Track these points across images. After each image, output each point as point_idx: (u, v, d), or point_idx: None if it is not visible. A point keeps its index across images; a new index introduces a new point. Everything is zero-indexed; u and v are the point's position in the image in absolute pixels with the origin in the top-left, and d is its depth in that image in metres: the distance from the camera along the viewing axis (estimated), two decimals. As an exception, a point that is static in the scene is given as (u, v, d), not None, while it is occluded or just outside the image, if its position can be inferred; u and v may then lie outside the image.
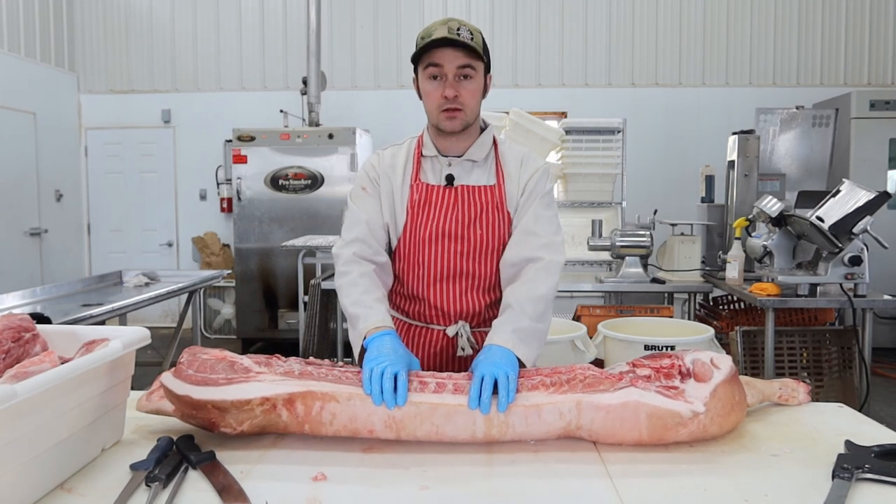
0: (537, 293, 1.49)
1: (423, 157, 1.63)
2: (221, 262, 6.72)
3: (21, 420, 0.90)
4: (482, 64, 1.53)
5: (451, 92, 1.50)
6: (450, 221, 1.58)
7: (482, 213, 1.58)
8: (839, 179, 3.36)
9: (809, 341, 3.48)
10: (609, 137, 4.56)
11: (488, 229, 1.58)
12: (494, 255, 1.59)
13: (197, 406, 1.16)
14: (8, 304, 3.05)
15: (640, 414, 1.18)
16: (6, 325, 1.14)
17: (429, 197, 1.60)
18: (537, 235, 1.57)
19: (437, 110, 1.54)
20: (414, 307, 1.64)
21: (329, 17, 6.61)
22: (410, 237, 1.60)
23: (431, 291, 1.60)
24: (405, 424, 1.17)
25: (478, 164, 1.62)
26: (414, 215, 1.59)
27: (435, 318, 1.62)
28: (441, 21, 1.51)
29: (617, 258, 3.94)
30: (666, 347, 2.61)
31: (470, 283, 1.60)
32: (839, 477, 1.05)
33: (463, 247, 1.58)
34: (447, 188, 1.60)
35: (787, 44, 6.60)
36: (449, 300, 1.60)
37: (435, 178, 1.62)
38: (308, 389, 1.17)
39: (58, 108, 6.63)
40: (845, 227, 2.98)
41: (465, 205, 1.58)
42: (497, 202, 1.59)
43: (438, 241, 1.58)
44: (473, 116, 1.57)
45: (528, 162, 1.65)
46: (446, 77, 1.51)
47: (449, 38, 1.46)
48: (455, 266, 1.58)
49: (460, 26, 1.49)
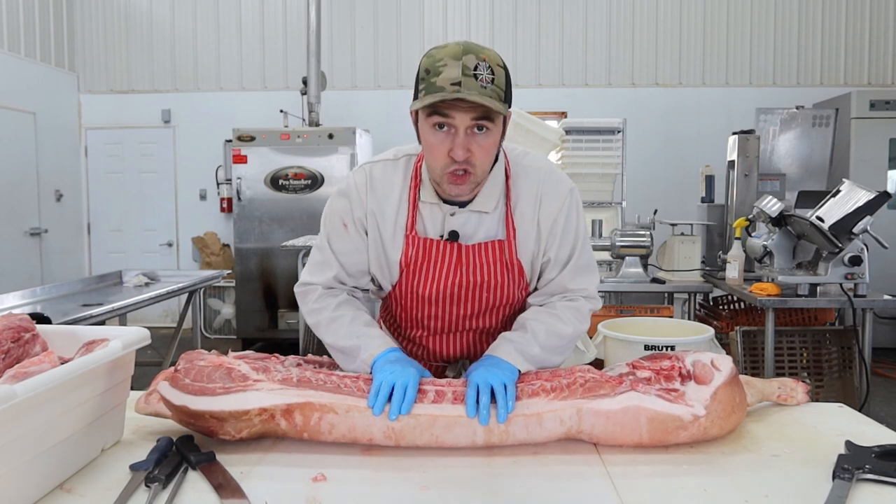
0: (562, 331, 1.36)
1: (422, 201, 1.35)
2: (221, 262, 6.71)
3: (21, 420, 0.90)
4: (506, 112, 1.22)
5: (461, 153, 1.20)
6: (453, 284, 1.36)
7: (491, 276, 1.36)
8: (839, 179, 3.37)
9: (809, 341, 3.47)
10: (609, 137, 4.56)
11: (497, 291, 1.38)
12: (501, 309, 1.42)
13: (194, 416, 1.16)
14: (8, 304, 3.05)
15: (641, 418, 1.18)
16: (6, 325, 1.14)
17: (427, 253, 1.35)
18: (571, 292, 1.42)
19: (441, 170, 1.25)
20: (412, 348, 1.51)
21: (329, 17, 6.60)
22: (407, 294, 1.40)
23: (432, 341, 1.47)
24: (404, 434, 1.17)
25: (487, 213, 1.36)
26: (410, 273, 1.37)
27: (434, 359, 1.51)
28: (454, 50, 1.18)
29: (617, 258, 3.94)
30: (666, 347, 2.61)
31: (475, 335, 1.46)
32: (839, 477, 1.04)
33: (466, 309, 1.40)
34: (449, 243, 1.35)
35: (787, 44, 6.59)
36: (451, 348, 1.47)
37: (434, 229, 1.36)
38: (306, 401, 1.16)
39: (58, 108, 6.63)
40: (845, 227, 2.98)
41: (469, 265, 1.35)
42: (507, 259, 1.36)
43: (439, 303, 1.39)
44: (484, 176, 1.29)
45: (553, 189, 1.37)
46: (456, 130, 1.20)
47: (460, 95, 1.14)
48: (459, 324, 1.43)
49: (478, 63, 1.16)
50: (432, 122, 1.21)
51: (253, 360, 1.29)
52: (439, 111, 1.19)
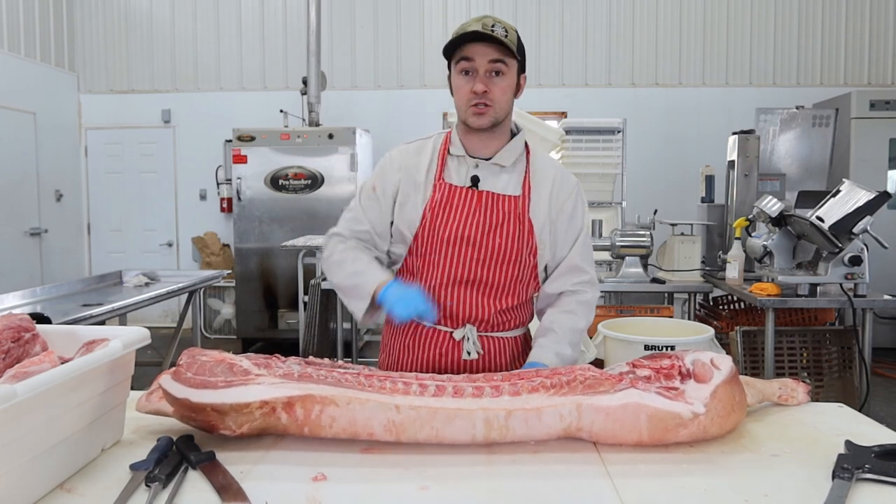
0: (579, 326, 1.62)
1: (450, 155, 1.60)
2: (221, 262, 6.72)
3: (21, 420, 0.90)
4: (515, 62, 1.51)
5: (480, 87, 1.48)
6: (471, 226, 1.55)
7: (504, 222, 1.55)
8: (839, 179, 3.37)
9: (809, 341, 3.48)
10: (609, 137, 4.56)
11: (508, 238, 1.55)
12: (510, 264, 1.57)
13: (196, 409, 1.16)
14: (8, 304, 3.05)
15: (641, 415, 1.18)
16: (6, 325, 1.14)
17: (451, 198, 1.56)
18: (583, 271, 1.64)
19: (465, 105, 1.52)
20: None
21: (329, 17, 6.60)
22: (428, 237, 1.57)
23: (443, 293, 1.57)
24: (405, 428, 1.17)
25: (506, 169, 1.59)
26: (434, 215, 1.56)
27: (443, 320, 1.59)
28: (476, 18, 1.49)
29: (617, 258, 3.94)
30: (666, 347, 2.61)
31: (483, 289, 1.57)
32: (839, 477, 1.04)
33: (480, 253, 1.55)
34: (471, 190, 1.57)
35: (787, 44, 6.60)
36: (460, 304, 1.58)
37: (459, 178, 1.59)
38: (307, 393, 1.17)
39: (58, 108, 6.63)
40: (845, 227, 2.98)
41: (487, 210, 1.55)
42: (520, 213, 1.56)
43: (456, 245, 1.55)
44: (503, 114, 1.54)
45: (565, 179, 1.64)
46: (477, 72, 1.49)
47: (482, 32, 1.44)
48: (470, 272, 1.56)
49: (495, 23, 1.47)
50: (460, 69, 1.51)
51: (254, 357, 1.29)
52: (465, 57, 1.48)
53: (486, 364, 1.60)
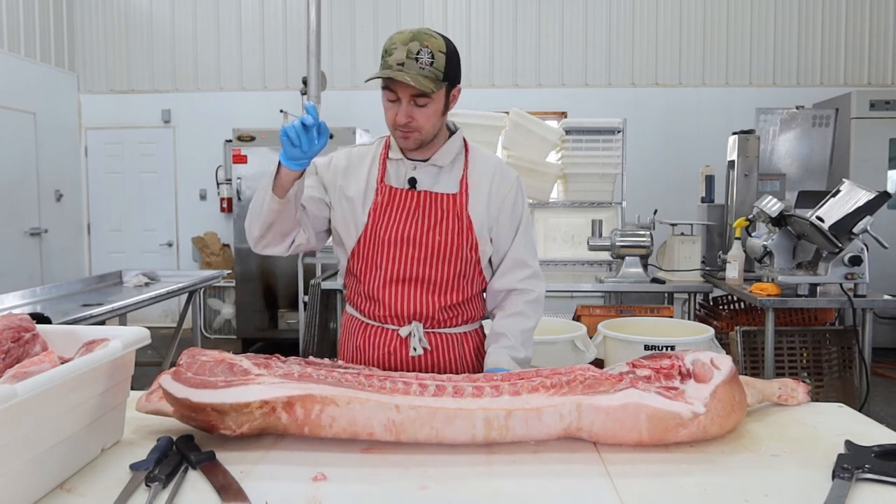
0: (528, 326, 1.67)
1: (389, 159, 1.64)
2: (221, 262, 6.71)
3: (21, 420, 0.90)
4: (441, 89, 1.50)
5: (402, 118, 1.50)
6: (411, 226, 1.59)
7: (442, 220, 1.59)
8: (839, 179, 3.37)
9: (809, 341, 3.48)
10: (609, 137, 4.56)
11: (447, 236, 1.59)
12: (451, 261, 1.60)
13: (196, 409, 1.16)
14: (8, 304, 3.05)
15: (641, 415, 1.18)
16: (6, 325, 1.14)
17: (392, 200, 1.60)
18: (526, 266, 1.68)
19: (392, 128, 1.55)
20: (369, 307, 1.65)
21: (329, 17, 6.60)
22: (371, 238, 1.60)
23: (387, 293, 1.61)
24: (405, 428, 1.17)
25: (444, 169, 1.63)
26: (376, 218, 1.60)
27: (389, 318, 1.62)
28: (405, 36, 1.47)
29: (617, 258, 3.94)
30: (666, 347, 2.61)
31: (426, 286, 1.61)
32: (839, 477, 1.04)
33: (421, 252, 1.59)
34: (410, 191, 1.60)
35: (787, 44, 6.60)
36: (403, 302, 1.61)
37: (399, 181, 1.63)
38: (307, 393, 1.17)
39: (58, 108, 6.63)
40: (845, 227, 2.98)
41: (426, 210, 1.59)
42: (458, 210, 1.60)
43: (397, 246, 1.59)
44: (430, 135, 1.57)
45: (504, 174, 1.67)
46: (401, 102, 1.50)
47: (397, 76, 1.43)
48: (411, 270, 1.60)
49: (421, 49, 1.45)
50: (386, 95, 1.52)
51: (254, 357, 1.29)
52: (389, 87, 1.49)
53: (435, 360, 1.63)
